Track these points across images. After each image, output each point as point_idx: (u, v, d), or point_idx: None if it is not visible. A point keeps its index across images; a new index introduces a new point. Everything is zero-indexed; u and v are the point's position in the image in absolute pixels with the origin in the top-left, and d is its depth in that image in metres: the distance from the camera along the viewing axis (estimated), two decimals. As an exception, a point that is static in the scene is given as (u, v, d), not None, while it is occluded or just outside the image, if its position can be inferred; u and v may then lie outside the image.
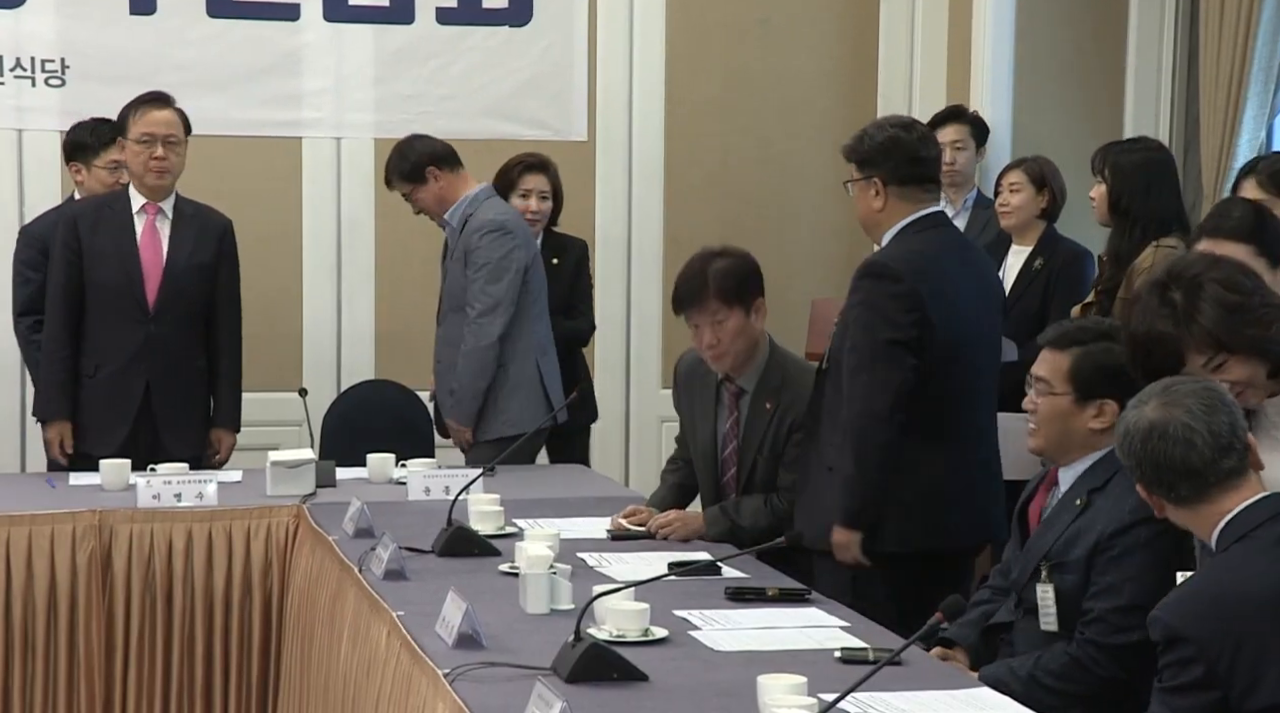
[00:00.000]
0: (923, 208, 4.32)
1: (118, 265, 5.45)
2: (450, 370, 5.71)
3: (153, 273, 5.46)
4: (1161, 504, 3.10)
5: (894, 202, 4.31)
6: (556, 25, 7.02)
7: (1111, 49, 7.01)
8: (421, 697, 3.20)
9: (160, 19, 6.69)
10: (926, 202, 4.33)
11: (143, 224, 5.48)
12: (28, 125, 6.64)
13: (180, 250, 5.48)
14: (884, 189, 4.30)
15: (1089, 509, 3.62)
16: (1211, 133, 6.44)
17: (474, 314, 5.60)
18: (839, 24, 7.32)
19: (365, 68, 6.89)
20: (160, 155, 5.40)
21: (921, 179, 4.32)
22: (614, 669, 3.06)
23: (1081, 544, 3.59)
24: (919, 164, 4.31)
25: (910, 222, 4.31)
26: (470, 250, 5.63)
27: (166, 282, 5.45)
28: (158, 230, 5.49)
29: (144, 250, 5.46)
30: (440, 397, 5.89)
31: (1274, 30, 6.32)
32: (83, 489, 5.08)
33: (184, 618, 4.74)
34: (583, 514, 4.69)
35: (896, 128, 4.39)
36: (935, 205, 4.38)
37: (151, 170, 5.42)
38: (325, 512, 4.68)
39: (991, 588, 3.94)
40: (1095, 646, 3.51)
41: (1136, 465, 3.08)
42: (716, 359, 4.58)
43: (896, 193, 4.30)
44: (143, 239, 5.47)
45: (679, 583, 3.77)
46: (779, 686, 2.80)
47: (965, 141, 6.54)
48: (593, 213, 7.06)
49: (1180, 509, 3.08)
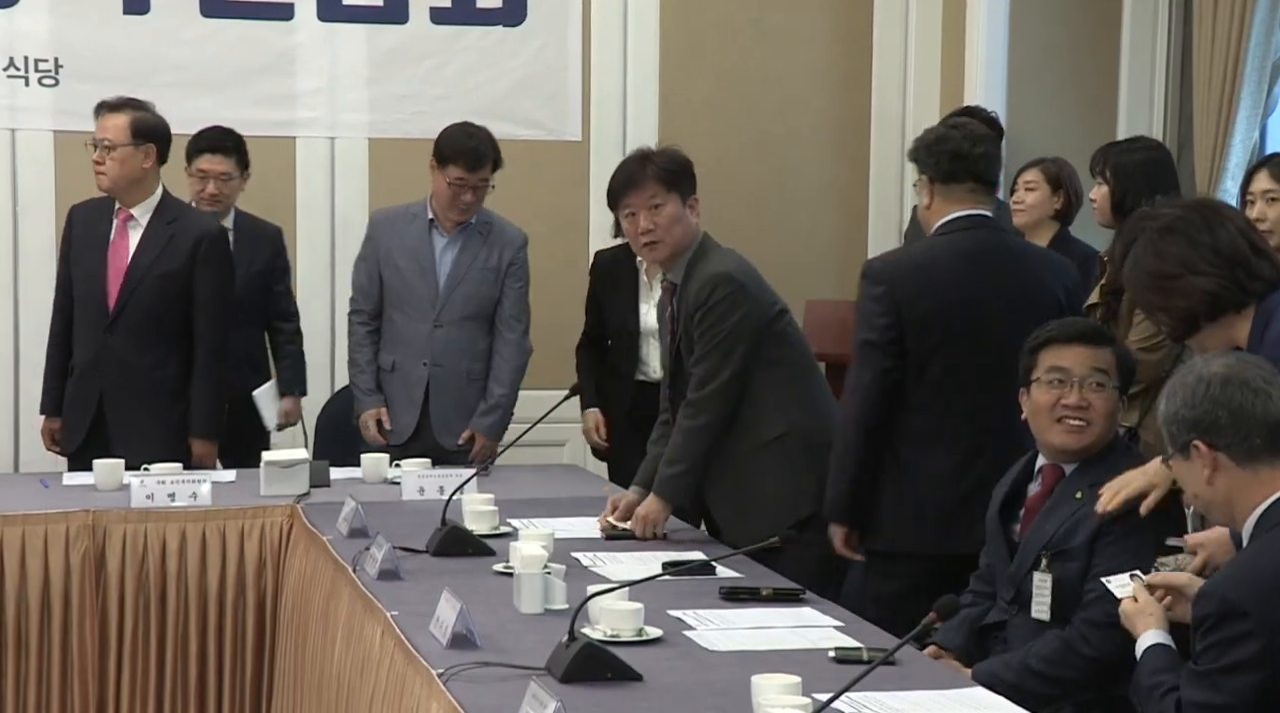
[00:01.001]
0: (964, 208, 4.30)
1: (88, 270, 5.48)
2: (466, 378, 5.72)
3: (115, 280, 5.45)
4: (1214, 460, 3.06)
5: (938, 200, 4.31)
6: (550, 25, 7.02)
7: (1105, 48, 7.02)
8: (415, 697, 3.20)
9: (154, 19, 6.68)
10: (969, 202, 4.31)
11: (115, 228, 5.48)
12: (21, 125, 6.63)
13: (143, 257, 5.44)
14: (930, 187, 4.31)
15: (1090, 501, 3.65)
16: (1205, 131, 6.45)
17: (522, 329, 5.79)
18: (833, 23, 7.32)
19: (359, 68, 6.89)
20: (96, 158, 5.42)
21: (964, 177, 4.30)
22: (608, 669, 3.06)
23: (1083, 530, 3.62)
24: (961, 161, 4.29)
25: (946, 221, 4.30)
26: (519, 263, 5.77)
27: (125, 290, 5.43)
28: (128, 236, 5.47)
29: (111, 257, 5.46)
30: (437, 403, 5.75)
31: (1267, 29, 6.33)
32: (76, 489, 5.08)
33: (178, 618, 4.73)
34: (577, 514, 4.69)
35: (947, 126, 4.42)
36: (980, 207, 4.33)
37: (96, 173, 5.44)
38: (319, 512, 4.68)
39: (974, 593, 3.95)
40: (1090, 624, 3.52)
41: (1210, 410, 3.04)
42: (651, 247, 4.50)
43: (941, 191, 4.30)
44: (112, 245, 5.47)
45: (673, 583, 3.77)
46: (773, 685, 2.80)
47: None
48: (586, 213, 7.05)
49: (1241, 467, 3.05)
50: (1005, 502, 3.90)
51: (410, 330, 5.72)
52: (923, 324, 4.22)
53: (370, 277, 5.78)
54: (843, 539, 4.35)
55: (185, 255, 5.46)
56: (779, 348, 4.50)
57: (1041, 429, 3.81)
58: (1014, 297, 4.29)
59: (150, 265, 5.43)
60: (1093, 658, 3.51)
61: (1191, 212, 3.53)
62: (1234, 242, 3.45)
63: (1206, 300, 3.45)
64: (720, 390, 4.44)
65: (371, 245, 5.82)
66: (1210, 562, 3.44)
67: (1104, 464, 3.72)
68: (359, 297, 5.82)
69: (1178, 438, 3.11)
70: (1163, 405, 3.13)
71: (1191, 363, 3.17)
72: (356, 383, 5.79)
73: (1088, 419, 3.74)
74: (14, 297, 6.64)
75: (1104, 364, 3.78)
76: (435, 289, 5.70)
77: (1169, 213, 3.54)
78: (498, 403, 5.75)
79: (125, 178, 5.42)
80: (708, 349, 4.44)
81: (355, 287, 5.85)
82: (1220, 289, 3.43)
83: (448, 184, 5.61)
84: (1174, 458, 3.15)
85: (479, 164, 5.61)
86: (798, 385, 4.55)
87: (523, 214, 6.98)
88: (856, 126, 7.30)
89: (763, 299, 4.51)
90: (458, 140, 5.62)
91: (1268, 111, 6.41)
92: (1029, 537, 3.75)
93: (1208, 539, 3.46)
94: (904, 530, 4.26)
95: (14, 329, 6.64)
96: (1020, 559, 3.75)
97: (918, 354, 4.23)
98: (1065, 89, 6.97)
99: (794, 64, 7.27)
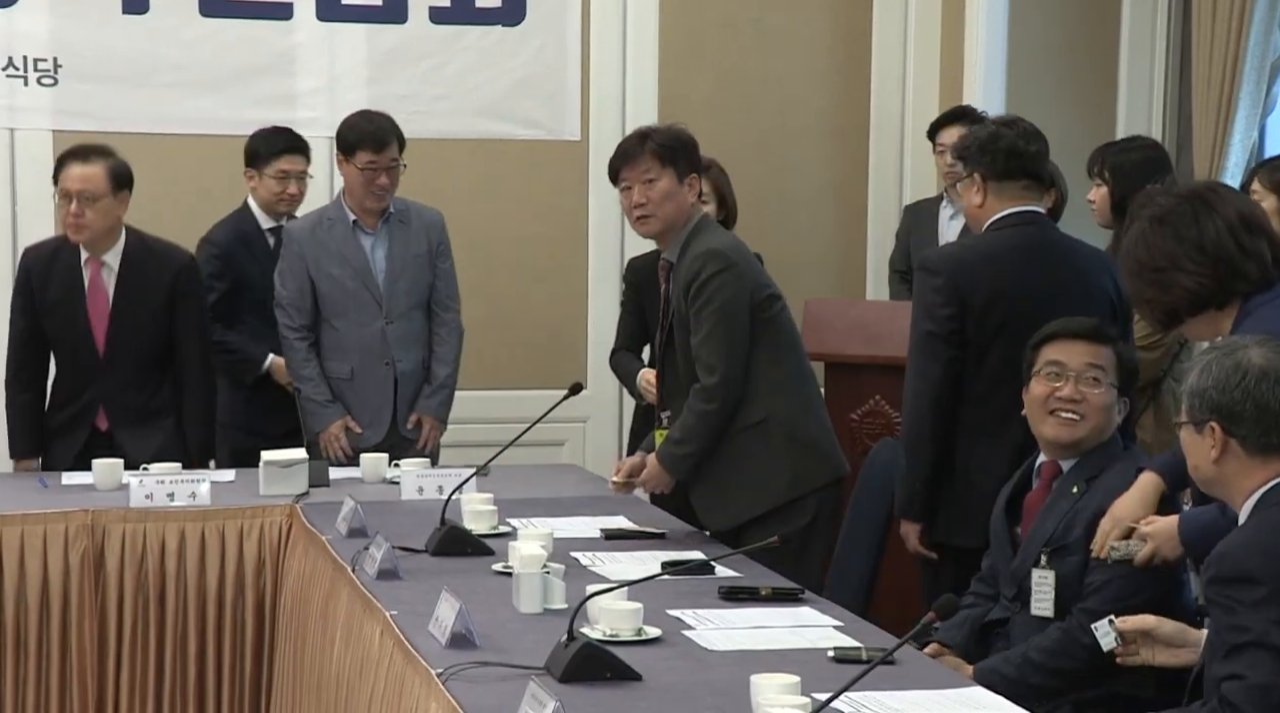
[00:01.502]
0: (1019, 204, 4.33)
1: (66, 317, 5.47)
2: (423, 367, 5.76)
3: (99, 324, 5.45)
4: (1225, 444, 3.06)
5: (992, 198, 4.34)
6: (550, 25, 7.02)
7: (1104, 48, 7.02)
8: (414, 697, 3.20)
9: (153, 18, 6.67)
10: (1024, 198, 4.35)
11: (89, 276, 5.48)
12: (20, 125, 6.63)
13: (125, 301, 5.45)
14: (983, 185, 4.33)
15: (1086, 494, 3.67)
16: (1204, 132, 6.44)
17: (457, 307, 5.82)
18: (832, 23, 7.32)
19: (358, 67, 6.89)
20: (75, 211, 5.34)
21: (1019, 174, 4.34)
22: (607, 669, 3.05)
23: (1080, 523, 3.64)
24: (1017, 159, 4.33)
25: (1000, 217, 4.33)
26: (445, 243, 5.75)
27: (112, 334, 5.45)
28: (103, 283, 5.47)
29: (91, 304, 5.46)
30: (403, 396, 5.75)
31: (1266, 29, 6.32)
32: (75, 489, 5.07)
33: (177, 618, 4.73)
34: (576, 514, 4.69)
35: (999, 124, 4.44)
36: (1034, 203, 4.37)
37: (69, 227, 5.40)
38: (318, 511, 4.68)
39: (975, 594, 3.95)
40: (1090, 614, 3.53)
41: (1239, 400, 3.04)
42: (642, 221, 4.52)
43: (995, 189, 4.34)
44: (89, 292, 5.47)
45: (672, 582, 3.77)
46: (772, 685, 2.80)
47: None
48: (585, 212, 7.05)
49: (1250, 456, 3.06)
50: (1010, 502, 3.91)
51: (361, 334, 5.69)
52: (982, 314, 4.25)
53: (301, 289, 5.68)
54: (916, 537, 4.37)
55: (165, 290, 5.47)
56: (766, 333, 4.48)
57: (1036, 421, 3.84)
58: (1068, 291, 4.33)
59: (133, 307, 5.45)
60: (1094, 648, 3.52)
61: (1185, 202, 3.51)
62: (1220, 239, 3.44)
63: (1188, 297, 3.46)
64: (733, 377, 4.41)
65: (295, 258, 5.69)
66: (1158, 553, 3.50)
67: (1100, 461, 3.75)
68: (291, 312, 5.69)
69: (1196, 412, 3.11)
70: (1194, 376, 3.12)
71: (1233, 341, 3.15)
72: (311, 397, 5.64)
73: (1080, 413, 3.76)
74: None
75: (1102, 361, 3.80)
76: (377, 289, 5.69)
77: (1163, 202, 3.54)
78: (443, 384, 5.78)
79: (104, 228, 5.39)
80: (710, 328, 4.41)
81: (284, 302, 5.70)
82: (1201, 288, 3.45)
83: (360, 171, 5.60)
84: (1185, 426, 3.15)
85: (384, 144, 5.60)
86: (784, 373, 4.51)
87: (522, 214, 7.01)
88: (856, 126, 7.29)
89: (754, 280, 4.49)
90: (359, 127, 5.63)
91: (1267, 111, 6.41)
92: (1030, 534, 3.76)
93: (1156, 531, 3.51)
94: (954, 525, 4.28)
95: (13, 328, 6.63)
96: (1022, 556, 3.76)
97: (977, 344, 4.26)
98: (1064, 89, 6.97)
99: (794, 64, 7.26)
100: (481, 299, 6.74)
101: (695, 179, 4.55)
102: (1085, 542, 3.63)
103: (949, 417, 4.28)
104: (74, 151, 5.45)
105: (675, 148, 4.51)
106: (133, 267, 5.46)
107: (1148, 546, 3.51)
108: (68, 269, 5.46)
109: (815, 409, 4.53)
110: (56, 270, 5.48)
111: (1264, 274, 3.45)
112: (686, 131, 4.59)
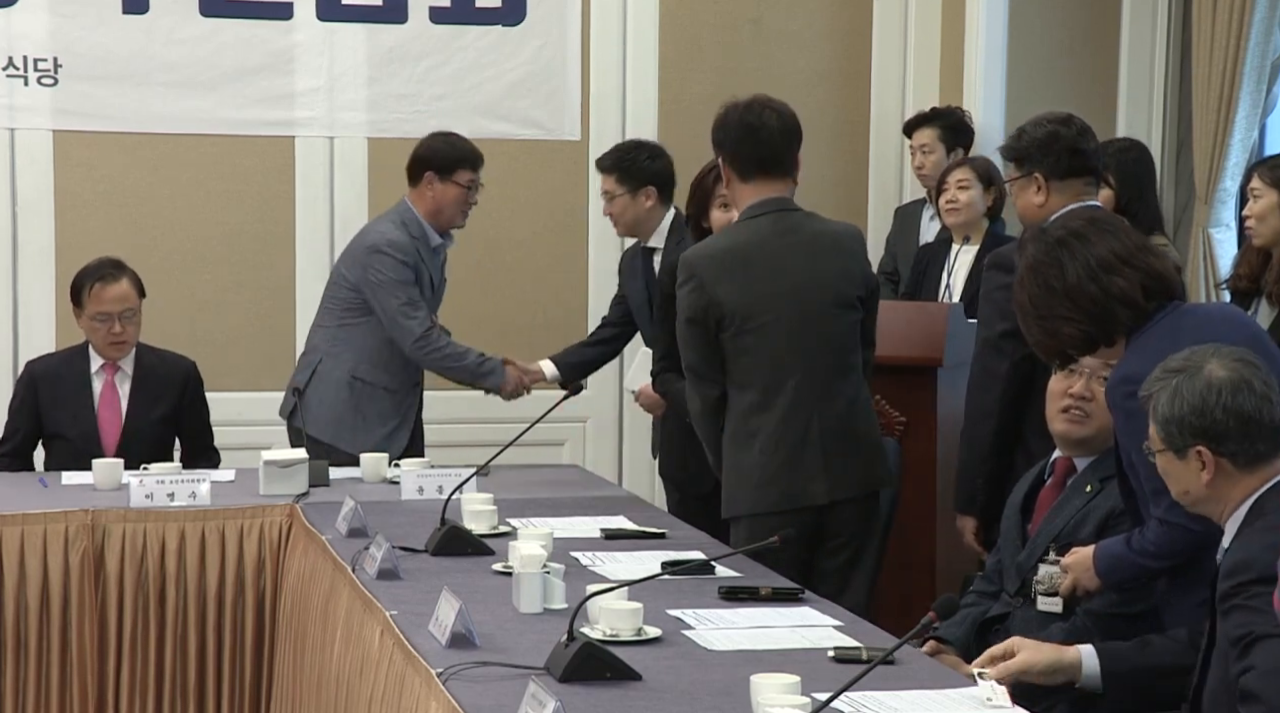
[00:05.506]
0: (1081, 200, 4.34)
1: (75, 419, 5.52)
2: None
3: (110, 430, 5.52)
4: (1216, 465, 3.07)
5: (1055, 197, 4.35)
6: (549, 25, 7.02)
7: (1104, 48, 7.02)
8: (415, 697, 3.20)
9: (153, 18, 6.67)
10: (1086, 194, 4.37)
11: (101, 383, 5.55)
12: (19, 124, 6.62)
13: (139, 406, 5.54)
14: (1045, 184, 4.34)
15: (1100, 494, 3.67)
16: (1204, 132, 6.45)
17: None
18: (832, 24, 7.32)
19: (358, 67, 6.89)
20: (118, 331, 5.48)
21: (1081, 172, 4.36)
22: (607, 669, 3.05)
23: (1091, 522, 3.64)
24: (1079, 157, 4.35)
25: (1063, 214, 4.33)
26: None
27: (126, 438, 5.50)
28: (117, 389, 5.56)
29: (102, 410, 5.53)
30: None
31: (1266, 29, 6.33)
32: (75, 489, 5.08)
33: (177, 618, 4.74)
34: (576, 514, 4.69)
35: (1055, 123, 4.43)
36: (1094, 198, 4.40)
37: (111, 345, 5.50)
38: (318, 511, 4.68)
39: (977, 593, 3.95)
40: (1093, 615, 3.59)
41: (1221, 419, 3.05)
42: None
43: (1058, 188, 4.34)
44: (101, 398, 5.54)
45: (672, 582, 3.77)
46: (772, 685, 2.80)
47: (933, 145, 6.57)
48: (586, 212, 7.05)
49: (1240, 470, 3.06)
50: (1025, 499, 3.91)
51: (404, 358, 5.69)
52: None
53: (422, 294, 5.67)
54: (971, 533, 4.38)
55: (175, 396, 5.61)
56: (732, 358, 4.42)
57: (1050, 416, 3.87)
58: None
59: (147, 413, 5.54)
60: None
61: (1053, 248, 3.51)
62: (1081, 286, 3.44)
63: (1074, 342, 3.51)
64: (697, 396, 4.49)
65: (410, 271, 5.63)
66: (1078, 584, 3.54)
67: (1110, 461, 3.73)
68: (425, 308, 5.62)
69: (1175, 440, 3.10)
70: (1165, 404, 3.10)
71: (1187, 359, 3.14)
72: (471, 366, 5.59)
73: (1088, 411, 3.77)
74: (13, 296, 6.64)
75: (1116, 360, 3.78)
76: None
77: (1032, 250, 3.56)
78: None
79: (138, 335, 5.56)
80: (676, 343, 4.54)
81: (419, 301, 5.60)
82: (1083, 333, 3.49)
83: (463, 188, 5.64)
84: (1163, 454, 3.14)
85: (481, 162, 5.68)
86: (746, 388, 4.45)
87: (522, 214, 7.01)
88: (856, 126, 7.29)
89: (714, 295, 4.39)
90: (460, 146, 5.67)
91: (1267, 111, 6.41)
92: (1040, 529, 3.77)
93: (1075, 563, 3.56)
94: None
95: (13, 328, 6.64)
96: (1030, 551, 3.77)
97: None
98: (1064, 89, 6.96)
99: (793, 64, 7.26)
100: (481, 299, 6.74)
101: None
102: (1095, 539, 3.62)
103: (1014, 415, 4.30)
104: (93, 273, 5.52)
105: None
106: (145, 372, 5.58)
107: (1068, 577, 3.57)
108: (78, 378, 5.56)
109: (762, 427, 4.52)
110: (65, 378, 5.57)
111: (1135, 312, 3.44)
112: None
